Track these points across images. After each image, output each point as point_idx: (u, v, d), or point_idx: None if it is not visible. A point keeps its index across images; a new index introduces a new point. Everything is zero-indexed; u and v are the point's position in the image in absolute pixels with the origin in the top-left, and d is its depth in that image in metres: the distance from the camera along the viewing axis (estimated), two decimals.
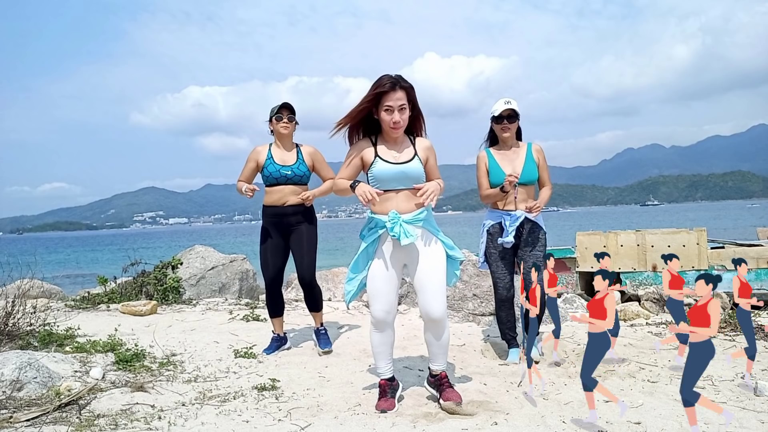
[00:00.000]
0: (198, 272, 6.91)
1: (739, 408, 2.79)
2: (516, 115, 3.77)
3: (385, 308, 2.84)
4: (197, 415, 2.78)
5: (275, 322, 4.19)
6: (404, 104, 2.80)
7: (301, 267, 4.03)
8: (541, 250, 3.75)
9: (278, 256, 4.06)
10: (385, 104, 2.78)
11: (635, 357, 3.80)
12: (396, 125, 2.80)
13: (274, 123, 4.05)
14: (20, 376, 2.98)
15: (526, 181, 3.76)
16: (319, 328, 4.23)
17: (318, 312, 4.21)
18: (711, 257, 7.61)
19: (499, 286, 3.81)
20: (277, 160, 4.01)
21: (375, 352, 2.97)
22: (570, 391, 3.13)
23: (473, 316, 5.18)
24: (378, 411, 2.84)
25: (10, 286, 5.33)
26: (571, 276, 8.13)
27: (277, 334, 4.19)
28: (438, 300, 2.79)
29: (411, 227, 2.78)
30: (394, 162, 2.85)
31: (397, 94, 2.77)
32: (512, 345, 3.90)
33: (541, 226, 3.78)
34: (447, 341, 2.92)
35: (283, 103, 4.07)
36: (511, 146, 3.85)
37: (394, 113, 2.78)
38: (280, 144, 4.08)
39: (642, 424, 2.60)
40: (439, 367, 2.96)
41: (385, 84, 2.77)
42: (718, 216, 74.81)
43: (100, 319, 5.26)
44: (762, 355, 3.83)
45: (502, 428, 2.60)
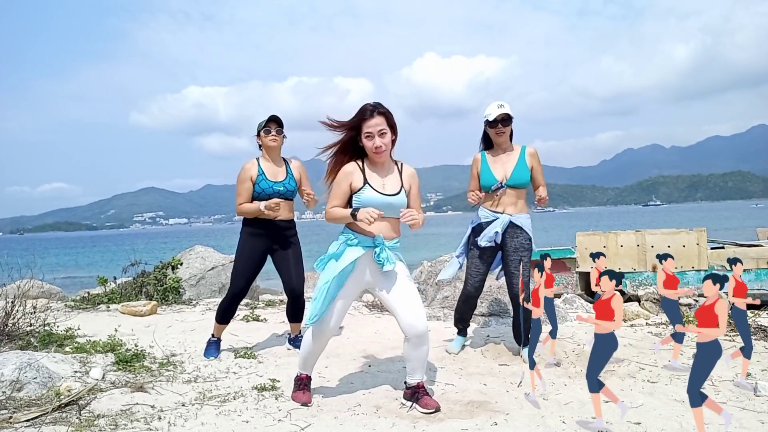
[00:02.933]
0: (198, 272, 6.91)
1: (739, 408, 2.80)
2: (510, 118, 3.78)
3: (337, 325, 2.95)
4: (197, 415, 2.78)
5: (220, 328, 4.08)
6: (383, 129, 2.89)
7: (291, 279, 3.98)
8: (525, 255, 3.76)
9: (253, 267, 3.98)
10: (365, 131, 2.88)
11: (635, 357, 3.80)
12: (378, 149, 2.88)
13: (262, 137, 3.97)
14: (20, 377, 2.98)
15: (516, 185, 3.78)
16: (298, 335, 4.23)
17: (298, 323, 4.20)
18: (711, 257, 7.61)
19: (467, 282, 3.93)
20: (269, 175, 3.94)
21: (308, 356, 3.05)
22: (570, 391, 3.13)
23: (473, 315, 5.18)
24: (299, 402, 2.98)
25: (10, 287, 5.33)
26: (571, 276, 8.14)
27: (217, 338, 4.09)
28: (420, 316, 2.84)
29: (392, 254, 2.90)
30: (382, 192, 2.91)
31: (375, 120, 2.88)
32: (461, 333, 4.13)
33: (524, 229, 3.78)
34: (426, 355, 2.94)
35: (271, 116, 3.99)
36: (505, 149, 3.87)
37: (375, 138, 2.87)
38: (269, 158, 4.01)
39: (642, 425, 2.60)
40: (416, 381, 2.96)
41: (365, 111, 2.90)
42: (722, 216, 74.67)
43: (100, 320, 5.26)
44: (762, 355, 3.83)
45: (502, 428, 2.60)
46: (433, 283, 6.24)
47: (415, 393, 2.93)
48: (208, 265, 7.08)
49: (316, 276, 8.12)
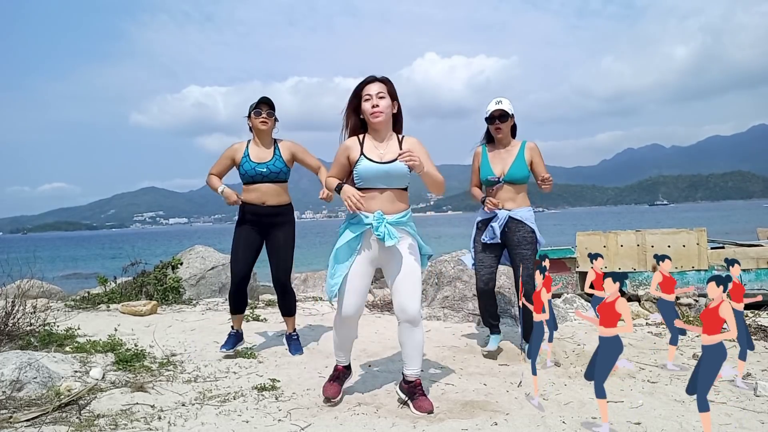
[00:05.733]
0: (198, 272, 6.91)
1: (739, 408, 2.80)
2: (506, 114, 3.80)
3: (357, 305, 2.88)
4: (197, 415, 2.78)
5: (236, 318, 4.06)
6: (381, 92, 2.89)
7: (277, 269, 3.93)
8: (528, 248, 3.76)
9: (250, 252, 3.92)
10: (364, 95, 2.90)
11: (635, 357, 3.80)
12: (375, 109, 2.86)
13: (252, 118, 3.89)
14: (20, 376, 2.98)
15: (513, 180, 3.81)
16: (291, 334, 4.14)
17: (291, 317, 4.11)
18: (711, 257, 7.61)
19: (477, 278, 3.91)
20: (253, 157, 3.88)
21: (337, 343, 3.04)
22: (570, 391, 3.13)
23: (473, 316, 5.18)
24: (323, 395, 2.97)
25: (10, 286, 5.33)
26: (571, 276, 8.13)
27: (236, 330, 4.06)
28: (413, 299, 2.82)
29: (394, 229, 2.83)
30: (378, 161, 2.87)
31: (374, 85, 2.90)
32: (494, 332, 4.00)
33: (526, 224, 3.78)
34: (421, 343, 2.90)
35: (262, 98, 3.91)
36: (505, 145, 3.91)
37: (372, 99, 2.87)
38: (259, 141, 3.94)
39: (642, 425, 2.60)
40: (413, 372, 2.92)
41: (365, 79, 2.95)
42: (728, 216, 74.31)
43: (100, 319, 5.25)
44: (762, 355, 3.83)
45: (502, 429, 2.60)
46: (434, 282, 6.25)
47: (412, 391, 2.91)
48: (208, 264, 7.07)
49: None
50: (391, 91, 2.93)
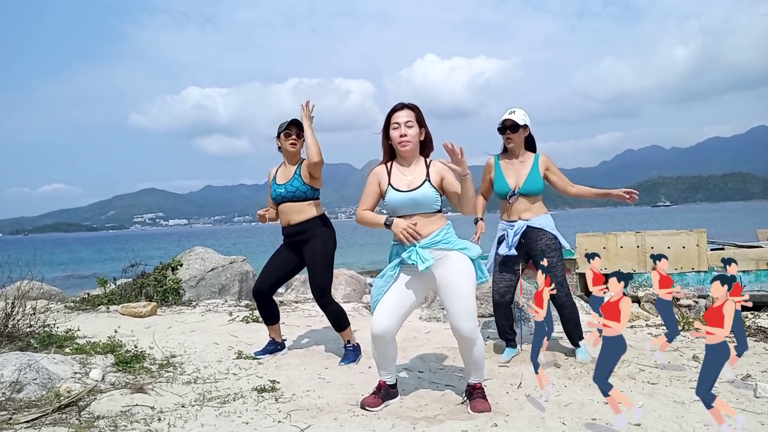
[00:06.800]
0: (198, 274, 6.91)
1: (739, 409, 2.79)
2: (517, 125, 3.76)
3: (384, 324, 2.81)
4: (197, 416, 2.78)
5: (271, 329, 4.09)
6: (410, 120, 2.91)
7: (312, 286, 3.91)
8: (554, 255, 3.71)
9: (275, 270, 3.96)
10: (392, 123, 2.94)
11: (635, 358, 3.80)
12: (403, 138, 2.88)
13: (282, 139, 3.90)
14: (20, 378, 2.98)
15: (528, 192, 3.79)
16: (347, 345, 4.00)
17: (341, 331, 3.98)
18: (711, 258, 7.61)
19: (494, 290, 3.90)
20: (279, 179, 3.94)
21: (377, 361, 2.99)
22: (570, 392, 3.13)
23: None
24: (362, 403, 2.91)
25: (10, 288, 5.32)
26: (571, 277, 8.14)
27: (272, 338, 4.09)
28: (462, 318, 2.76)
29: (427, 252, 2.80)
30: (405, 190, 2.88)
31: (402, 112, 2.93)
32: (509, 345, 3.95)
33: (547, 230, 3.75)
34: (480, 357, 2.89)
35: (293, 120, 3.89)
36: (518, 156, 3.86)
37: (401, 128, 2.89)
38: (286, 161, 3.99)
39: (642, 426, 2.60)
40: (474, 380, 2.96)
41: (394, 107, 2.98)
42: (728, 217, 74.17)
43: (99, 321, 5.25)
44: (762, 356, 3.83)
45: (501, 430, 2.60)
46: None
47: (471, 392, 2.95)
48: (208, 266, 7.08)
49: None
50: (419, 118, 2.95)
